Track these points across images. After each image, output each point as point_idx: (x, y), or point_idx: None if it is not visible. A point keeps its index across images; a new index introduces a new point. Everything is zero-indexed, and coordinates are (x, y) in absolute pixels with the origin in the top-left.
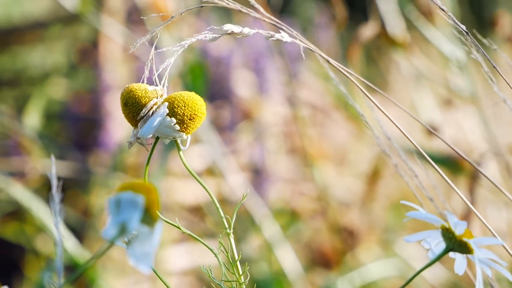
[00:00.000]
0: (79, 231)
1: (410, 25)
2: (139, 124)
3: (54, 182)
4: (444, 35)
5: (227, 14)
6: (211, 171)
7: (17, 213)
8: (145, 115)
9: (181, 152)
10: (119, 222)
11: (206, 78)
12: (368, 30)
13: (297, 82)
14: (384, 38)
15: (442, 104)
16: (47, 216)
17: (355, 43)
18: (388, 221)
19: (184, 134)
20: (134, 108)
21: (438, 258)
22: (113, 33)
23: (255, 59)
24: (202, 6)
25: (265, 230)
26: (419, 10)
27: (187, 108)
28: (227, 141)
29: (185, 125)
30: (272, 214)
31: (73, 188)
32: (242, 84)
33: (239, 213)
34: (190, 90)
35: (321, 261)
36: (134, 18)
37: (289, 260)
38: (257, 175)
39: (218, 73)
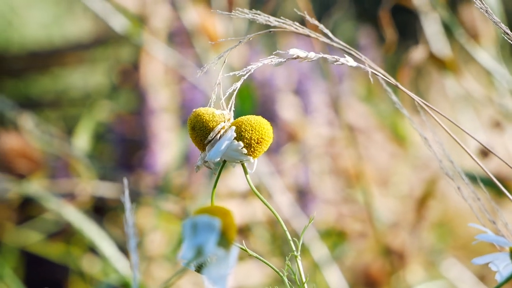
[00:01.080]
0: (126, 252)
1: (456, 47)
2: (206, 148)
3: (128, 206)
4: (491, 56)
5: (268, 36)
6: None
7: (62, 233)
8: (213, 139)
9: (248, 176)
10: (195, 244)
11: (253, 101)
12: (418, 53)
13: (341, 104)
14: (431, 60)
15: (490, 125)
16: (98, 237)
17: (405, 66)
18: (433, 243)
19: (251, 157)
20: (201, 132)
21: (507, 280)
22: (156, 54)
23: (299, 80)
24: (271, 31)
25: (313, 251)
26: (466, 32)
27: (255, 132)
28: (273, 162)
29: (252, 149)
30: (319, 235)
31: (121, 209)
32: (286, 106)
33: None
34: (238, 113)
35: (366, 282)
36: (178, 39)
37: (335, 281)
38: (302, 196)
39: (263, 95)
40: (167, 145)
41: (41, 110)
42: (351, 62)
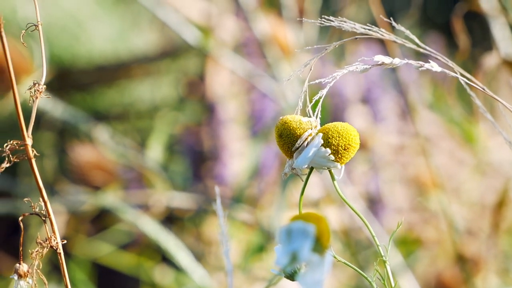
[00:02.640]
0: (200, 262)
1: None
2: (294, 155)
3: (220, 213)
4: None
5: (324, 39)
6: (328, 200)
7: (134, 245)
8: (300, 145)
9: (335, 182)
10: (290, 250)
11: (326, 109)
12: (491, 59)
13: (410, 111)
14: (503, 65)
15: None
16: (174, 247)
17: (479, 72)
18: (507, 250)
19: (339, 164)
20: (288, 139)
21: None
22: (225, 64)
23: (368, 88)
24: (357, 38)
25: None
26: None
27: (341, 139)
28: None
29: (339, 155)
30: (392, 243)
31: (193, 219)
32: (356, 115)
33: (360, 241)
34: None
35: None
36: (246, 50)
37: None
38: (373, 204)
39: (332, 104)
40: (238, 155)
41: (108, 123)
42: (436, 67)
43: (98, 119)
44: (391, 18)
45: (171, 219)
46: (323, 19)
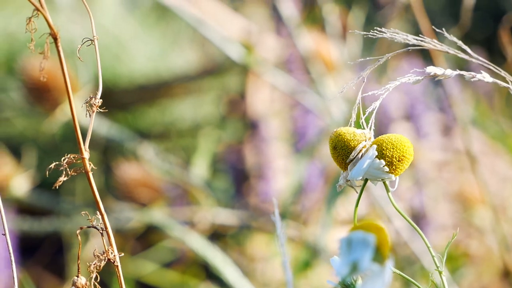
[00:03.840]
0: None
1: None
2: (348, 167)
3: (278, 225)
4: None
5: (367, 54)
6: (374, 215)
7: (178, 262)
8: (355, 158)
9: (389, 193)
10: (351, 261)
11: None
12: None
13: (454, 127)
14: None
15: None
16: (223, 263)
17: None
18: None
19: (393, 175)
20: (343, 151)
21: None
22: (267, 81)
23: (411, 104)
24: (409, 49)
25: (433, 275)
26: None
27: (396, 150)
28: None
29: (394, 167)
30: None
31: (237, 236)
32: (399, 130)
33: (406, 257)
34: None
35: None
36: (287, 66)
37: None
38: (418, 220)
39: (376, 120)
40: (282, 172)
41: (150, 141)
42: (487, 78)
43: (140, 137)
44: (443, 29)
45: (215, 236)
46: (375, 31)
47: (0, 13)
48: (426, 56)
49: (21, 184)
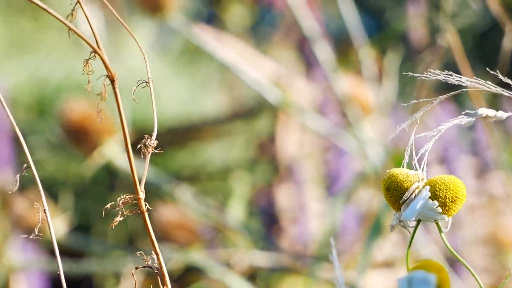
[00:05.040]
0: None
1: None
2: (402, 208)
3: (336, 263)
4: None
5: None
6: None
7: None
8: (408, 198)
9: (442, 234)
10: None
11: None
12: None
13: (488, 172)
14: None
15: None
16: None
17: None
18: None
19: (446, 216)
20: (396, 192)
21: None
22: (299, 124)
23: (445, 148)
24: (463, 91)
25: None
26: None
27: (449, 191)
28: (423, 229)
29: (447, 208)
30: None
31: (273, 277)
32: (432, 174)
33: None
34: None
35: None
36: (321, 109)
37: None
38: (453, 263)
39: (408, 163)
40: (315, 215)
41: (179, 184)
42: None
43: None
44: (497, 71)
45: (251, 278)
46: (429, 73)
47: (31, 57)
48: (456, 100)
49: (58, 226)
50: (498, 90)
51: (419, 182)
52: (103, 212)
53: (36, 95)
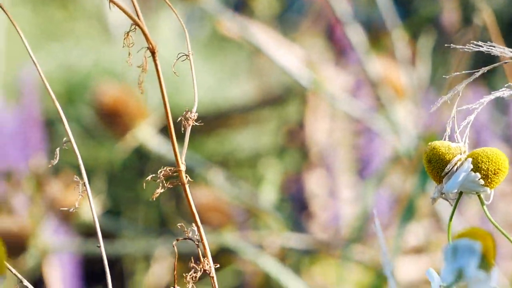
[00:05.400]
0: None
1: None
2: (443, 180)
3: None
4: None
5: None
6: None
7: (245, 285)
8: (450, 171)
9: (484, 206)
10: (456, 268)
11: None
12: None
13: None
14: None
15: None
16: (296, 286)
17: None
18: None
19: (488, 188)
20: (438, 165)
21: None
22: (325, 111)
23: (477, 131)
24: (506, 62)
25: None
26: None
27: (491, 163)
28: (458, 211)
29: (489, 180)
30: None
31: (305, 260)
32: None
33: None
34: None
35: None
36: (354, 93)
37: None
38: None
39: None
40: (346, 200)
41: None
42: None
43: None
44: None
45: (283, 260)
46: (471, 45)
47: (59, 46)
48: (488, 85)
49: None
50: None
51: (461, 154)
52: (144, 184)
53: (65, 82)
